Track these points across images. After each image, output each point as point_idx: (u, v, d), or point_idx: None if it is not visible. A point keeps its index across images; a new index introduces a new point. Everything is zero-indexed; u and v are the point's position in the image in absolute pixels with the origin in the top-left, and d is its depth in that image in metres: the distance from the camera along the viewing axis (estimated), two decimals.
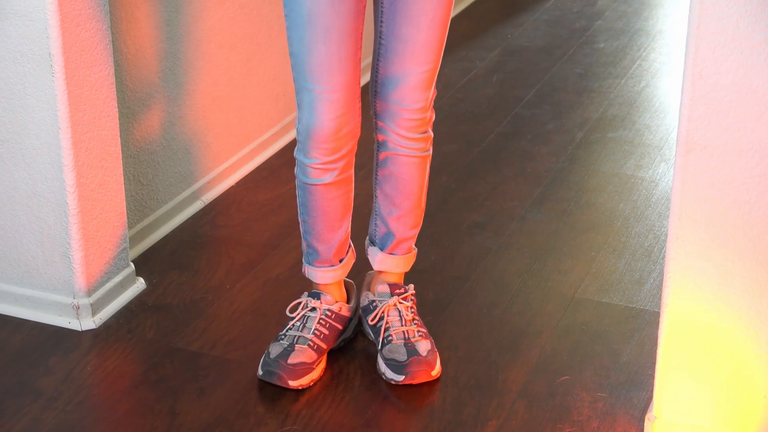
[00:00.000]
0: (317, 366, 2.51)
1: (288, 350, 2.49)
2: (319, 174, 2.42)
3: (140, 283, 2.87)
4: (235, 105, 3.38)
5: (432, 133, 2.49)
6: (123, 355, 2.62)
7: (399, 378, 2.50)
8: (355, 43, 2.32)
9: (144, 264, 2.97)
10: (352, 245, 2.59)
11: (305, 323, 2.53)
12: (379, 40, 2.38)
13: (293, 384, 2.47)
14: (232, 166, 3.41)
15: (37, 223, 2.67)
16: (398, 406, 2.47)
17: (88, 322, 2.72)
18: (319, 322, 2.53)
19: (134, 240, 3.00)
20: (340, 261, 2.55)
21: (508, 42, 4.61)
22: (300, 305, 2.56)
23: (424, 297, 2.81)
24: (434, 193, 3.24)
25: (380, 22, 2.37)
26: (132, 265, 2.86)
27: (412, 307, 2.58)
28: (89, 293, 2.72)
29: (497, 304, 2.83)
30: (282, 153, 3.59)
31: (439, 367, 2.54)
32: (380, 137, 2.49)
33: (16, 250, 2.72)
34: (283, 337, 2.53)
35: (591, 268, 2.98)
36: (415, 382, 2.50)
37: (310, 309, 2.55)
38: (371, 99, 2.46)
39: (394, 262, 2.59)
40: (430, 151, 2.51)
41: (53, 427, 2.39)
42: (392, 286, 2.59)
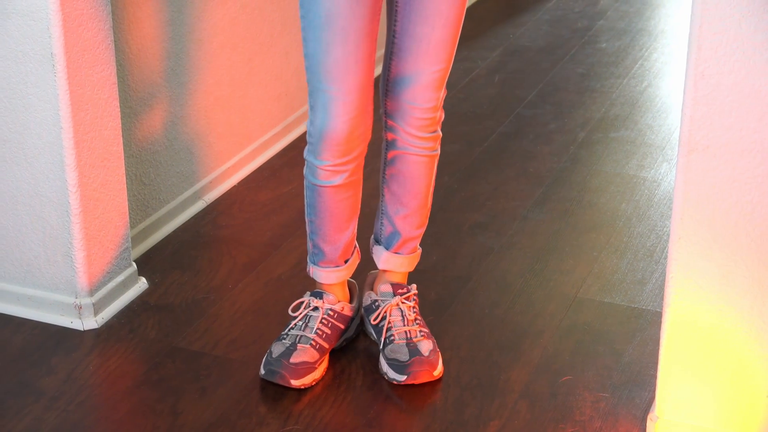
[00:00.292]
0: (319, 365, 2.51)
1: (290, 349, 2.49)
2: (329, 176, 2.41)
3: (142, 283, 2.87)
4: (236, 105, 3.38)
5: (441, 133, 2.50)
6: (125, 354, 2.62)
7: (401, 378, 2.50)
8: (371, 45, 2.32)
9: (146, 264, 2.97)
10: (357, 246, 2.59)
11: (307, 323, 2.53)
12: (392, 39, 2.38)
13: (295, 383, 2.47)
14: (234, 166, 3.41)
15: (39, 223, 2.67)
16: (400, 406, 2.47)
17: (90, 322, 2.72)
18: (321, 322, 2.53)
19: (136, 240, 3.00)
20: (346, 262, 2.55)
21: (509, 42, 4.61)
22: (302, 305, 2.56)
23: (426, 297, 2.81)
24: (436, 193, 3.24)
25: (394, 22, 2.36)
26: (134, 264, 2.86)
27: (414, 307, 2.58)
28: (91, 293, 2.72)
29: (499, 304, 2.83)
30: (284, 153, 3.59)
31: (441, 367, 2.54)
32: (389, 136, 2.49)
33: (18, 250, 2.72)
34: (285, 336, 2.53)
35: (593, 268, 2.98)
36: (417, 382, 2.50)
37: (313, 308, 2.55)
38: (381, 98, 2.46)
39: (398, 261, 2.59)
40: (439, 150, 2.51)
41: (55, 427, 2.39)
42: (395, 285, 2.59)
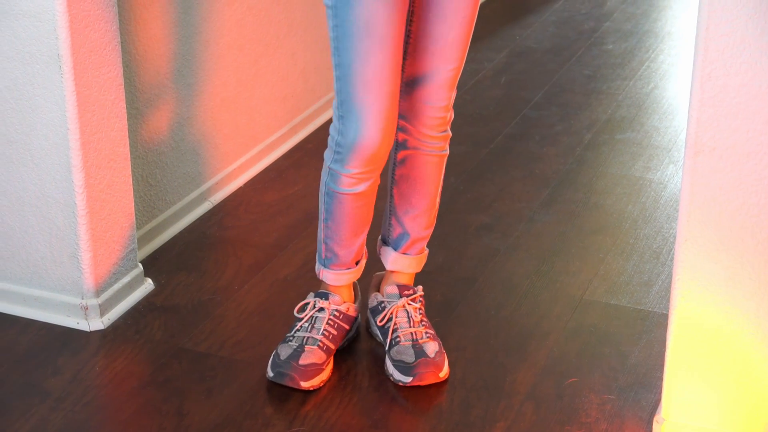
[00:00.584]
0: (327, 366, 2.51)
1: (298, 351, 2.49)
2: (353, 184, 2.40)
3: (148, 284, 2.87)
4: (243, 106, 3.38)
5: (450, 133, 2.50)
6: (131, 355, 2.62)
7: (407, 379, 2.50)
8: (400, 55, 2.31)
9: (152, 265, 2.98)
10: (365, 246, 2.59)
11: (314, 324, 2.53)
12: (408, 39, 2.38)
13: (305, 385, 2.47)
14: (240, 167, 3.41)
15: (46, 224, 2.67)
16: (406, 407, 2.47)
17: (97, 323, 2.72)
18: (327, 323, 2.53)
19: (142, 241, 3.01)
20: (357, 263, 2.56)
21: (516, 43, 4.61)
22: (308, 306, 2.56)
23: (431, 298, 2.81)
24: (442, 194, 3.24)
25: (410, 22, 2.36)
26: (140, 265, 2.86)
27: (420, 309, 2.58)
28: (97, 294, 2.72)
29: (505, 305, 2.83)
30: (290, 154, 3.60)
31: (446, 369, 2.54)
32: (400, 136, 2.48)
33: (25, 251, 2.72)
34: (291, 338, 2.52)
35: (599, 269, 2.98)
36: (423, 383, 2.50)
37: (318, 309, 2.54)
38: None
39: (407, 262, 2.59)
40: (448, 150, 2.52)
41: (61, 428, 2.39)
42: (401, 287, 2.59)
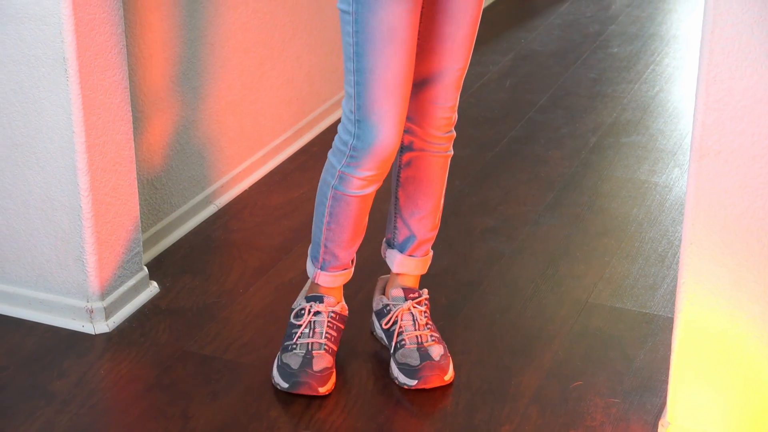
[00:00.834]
0: (334, 368, 2.51)
1: (308, 358, 2.48)
2: (364, 186, 2.39)
3: (153, 287, 2.88)
4: (248, 109, 3.38)
5: (455, 133, 2.50)
6: (136, 358, 2.63)
7: (412, 382, 2.50)
8: (415, 58, 2.32)
9: (157, 268, 2.98)
10: None
11: (314, 328, 2.52)
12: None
13: (322, 390, 2.46)
14: (245, 171, 3.41)
15: (51, 227, 2.67)
16: (411, 410, 2.47)
17: (102, 326, 2.72)
18: (328, 325, 2.52)
19: (147, 244, 3.01)
20: (352, 262, 2.55)
21: (521, 46, 4.61)
22: (304, 311, 2.55)
23: (437, 301, 2.81)
24: (447, 198, 3.23)
25: (419, 23, 2.36)
26: (145, 268, 2.86)
27: (425, 312, 2.58)
28: (103, 297, 2.72)
29: (510, 308, 2.83)
30: (295, 157, 3.60)
31: (451, 372, 2.53)
32: (406, 139, 2.48)
33: (30, 254, 2.72)
34: (294, 346, 2.51)
35: (604, 273, 2.98)
36: (428, 386, 2.50)
37: (315, 313, 2.53)
38: None
39: (413, 264, 2.59)
40: (452, 151, 2.52)
41: (66, 430, 2.39)
42: (406, 290, 2.59)
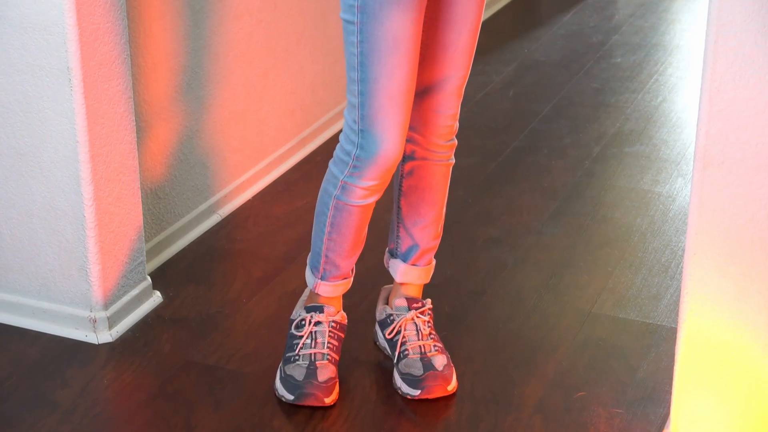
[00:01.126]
0: (338, 378, 2.51)
1: (312, 369, 2.48)
2: (366, 196, 2.39)
3: (157, 297, 2.88)
4: (252, 119, 3.39)
5: (456, 142, 2.50)
6: (139, 368, 2.63)
7: (415, 392, 2.50)
8: (417, 67, 2.33)
9: (161, 277, 2.98)
10: None
11: (315, 338, 2.51)
12: None
13: (328, 401, 2.46)
14: (249, 180, 3.41)
15: (55, 237, 2.68)
16: (414, 420, 2.47)
17: (105, 335, 2.72)
18: (329, 335, 2.52)
19: (151, 253, 3.01)
20: (351, 272, 2.55)
21: (524, 56, 4.61)
22: (305, 321, 2.54)
23: (440, 311, 2.81)
24: (450, 207, 3.24)
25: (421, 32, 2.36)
26: (149, 278, 2.86)
27: (429, 322, 2.58)
28: (106, 306, 2.72)
29: (513, 318, 2.83)
30: (299, 167, 3.60)
31: (455, 382, 2.53)
32: (408, 148, 2.48)
33: (34, 264, 2.72)
34: (297, 357, 2.50)
35: (608, 283, 2.98)
36: (431, 396, 2.50)
37: (315, 323, 2.53)
38: None
39: (416, 273, 2.59)
40: (454, 160, 2.52)
41: None
42: (410, 300, 2.59)
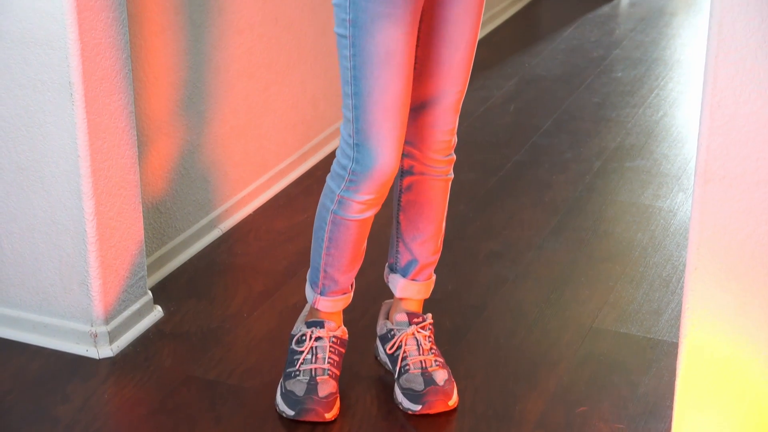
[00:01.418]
0: (338, 394, 2.50)
1: (312, 384, 2.47)
2: (363, 210, 2.39)
3: (158, 311, 2.87)
4: (253, 133, 3.39)
5: (455, 157, 2.50)
6: (140, 383, 2.62)
7: (416, 407, 2.49)
8: (412, 81, 2.33)
9: (161, 292, 2.98)
10: None
11: (316, 354, 2.51)
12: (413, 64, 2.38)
13: (328, 416, 2.45)
14: (250, 195, 3.42)
15: (56, 251, 2.68)
16: None
17: (106, 350, 2.72)
18: (330, 350, 2.52)
19: (152, 268, 3.01)
20: (351, 286, 2.55)
21: (525, 71, 4.62)
22: (306, 337, 2.54)
23: (441, 325, 2.81)
24: (452, 222, 3.24)
25: (416, 47, 2.37)
26: (149, 293, 2.86)
27: (429, 337, 2.58)
28: (107, 321, 2.72)
29: (515, 333, 2.82)
30: (300, 181, 3.60)
31: (456, 397, 2.53)
32: (406, 163, 2.49)
33: (35, 278, 2.72)
34: (297, 372, 2.50)
35: (609, 298, 2.97)
36: (432, 411, 2.49)
37: (316, 339, 2.53)
38: None
39: (416, 288, 2.59)
40: (452, 175, 2.52)
41: None
42: (410, 315, 2.59)
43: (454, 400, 2.52)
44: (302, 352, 2.51)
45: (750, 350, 2.15)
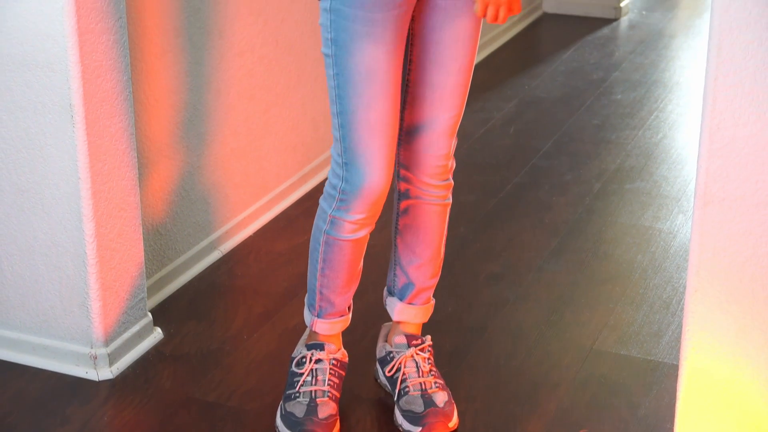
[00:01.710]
0: (338, 416, 2.50)
1: (312, 406, 2.47)
2: (356, 230, 2.39)
3: (157, 333, 2.87)
4: (253, 155, 3.39)
5: (452, 182, 2.50)
6: (140, 405, 2.62)
7: (416, 429, 2.49)
8: (400, 95, 2.33)
9: (161, 314, 2.98)
10: None
11: (316, 376, 2.51)
12: (406, 88, 2.39)
13: None
14: (250, 216, 3.42)
15: (56, 273, 2.68)
16: None
17: (106, 372, 2.72)
18: (330, 373, 2.51)
19: (152, 290, 3.01)
20: (348, 309, 2.55)
21: (525, 92, 4.62)
22: (306, 359, 2.54)
23: (441, 347, 2.80)
24: (452, 243, 3.24)
25: (409, 71, 2.37)
26: (149, 314, 2.86)
27: (429, 358, 2.58)
28: (107, 343, 2.72)
29: (515, 355, 2.82)
30: (299, 203, 3.60)
31: (456, 419, 2.52)
32: (402, 186, 2.49)
33: (35, 300, 2.72)
34: (297, 394, 2.50)
35: (609, 319, 2.97)
36: None
37: (316, 361, 2.52)
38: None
39: (413, 312, 2.59)
40: (451, 199, 2.51)
41: None
42: (409, 337, 2.58)
43: (454, 422, 2.51)
44: (302, 374, 2.51)
45: (750, 372, 2.15)
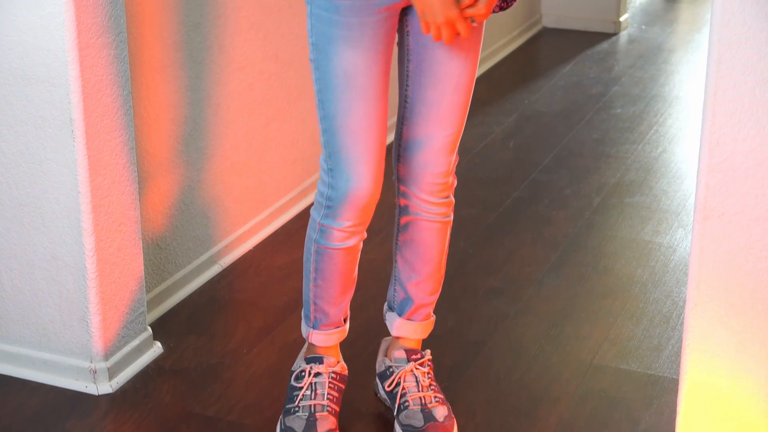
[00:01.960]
0: (338, 430, 2.49)
1: (312, 420, 2.46)
2: (345, 238, 2.40)
3: (157, 347, 2.87)
4: (253, 169, 3.40)
5: (453, 199, 2.49)
6: (139, 419, 2.62)
7: None
8: (386, 104, 2.33)
9: (161, 328, 2.97)
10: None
11: (315, 390, 2.50)
12: (403, 104, 2.39)
13: None
14: (250, 230, 3.42)
15: (56, 287, 2.68)
16: None
17: (105, 386, 2.71)
18: (329, 386, 2.51)
19: (152, 304, 3.01)
20: (345, 320, 2.54)
21: (525, 107, 4.63)
22: (305, 372, 2.54)
23: (441, 362, 2.80)
24: (451, 258, 3.24)
25: (405, 86, 2.38)
26: (149, 329, 2.86)
27: (429, 373, 2.57)
28: (106, 357, 2.72)
29: (515, 369, 2.82)
30: (299, 217, 3.60)
31: None
32: (402, 202, 2.48)
33: (35, 314, 2.72)
34: (297, 409, 2.49)
35: (609, 334, 2.97)
36: None
37: (315, 374, 2.52)
38: (394, 163, 2.46)
39: (412, 327, 2.58)
40: (452, 216, 2.50)
41: None
42: (409, 351, 2.58)
43: None
44: (301, 388, 2.50)
45: (750, 387, 2.15)
